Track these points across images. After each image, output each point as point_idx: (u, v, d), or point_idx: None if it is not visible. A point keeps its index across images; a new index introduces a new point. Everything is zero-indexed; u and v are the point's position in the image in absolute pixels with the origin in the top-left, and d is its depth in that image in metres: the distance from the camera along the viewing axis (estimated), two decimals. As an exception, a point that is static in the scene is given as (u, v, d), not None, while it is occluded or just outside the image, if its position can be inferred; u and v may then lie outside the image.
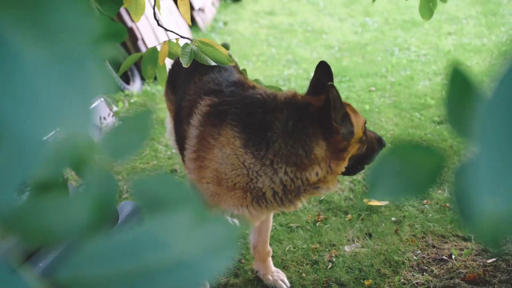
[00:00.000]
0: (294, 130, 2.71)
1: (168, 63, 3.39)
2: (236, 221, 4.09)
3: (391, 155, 0.89)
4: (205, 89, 3.11)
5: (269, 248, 3.55)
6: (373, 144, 2.92)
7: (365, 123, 2.88)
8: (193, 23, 9.44)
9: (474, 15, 10.34)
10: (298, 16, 11.00)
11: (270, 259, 3.55)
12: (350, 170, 2.92)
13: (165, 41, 2.94)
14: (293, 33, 9.92)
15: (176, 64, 3.66)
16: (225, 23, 10.48)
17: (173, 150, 5.11)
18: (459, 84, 0.88)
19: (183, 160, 3.16)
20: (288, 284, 3.48)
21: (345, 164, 2.82)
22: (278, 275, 3.51)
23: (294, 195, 2.84)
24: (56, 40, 0.54)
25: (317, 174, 2.76)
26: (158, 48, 2.89)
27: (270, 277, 3.49)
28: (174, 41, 2.98)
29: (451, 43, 8.84)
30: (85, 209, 0.75)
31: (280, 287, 3.45)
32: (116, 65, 6.59)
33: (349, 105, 2.85)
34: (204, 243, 0.67)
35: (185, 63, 2.71)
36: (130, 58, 2.85)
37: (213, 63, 2.76)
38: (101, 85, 0.57)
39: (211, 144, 2.85)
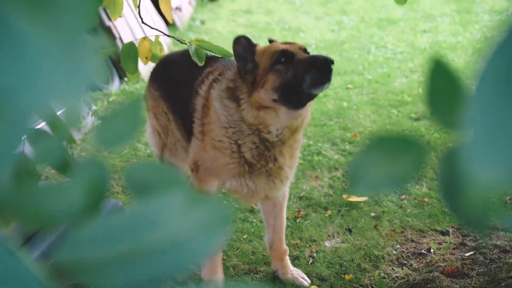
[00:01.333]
0: (232, 70, 3.10)
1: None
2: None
3: (371, 149, 0.89)
4: (217, 66, 3.34)
5: (286, 247, 3.55)
6: (299, 67, 2.78)
7: (283, 51, 2.86)
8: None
9: (449, 13, 10.44)
10: (275, 14, 11.02)
11: (287, 257, 3.55)
12: (289, 100, 2.85)
13: (143, 37, 2.93)
14: (271, 32, 9.93)
15: (166, 61, 3.72)
16: (202, 22, 10.46)
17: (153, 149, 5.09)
18: (440, 74, 0.90)
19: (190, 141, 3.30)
20: (309, 281, 3.48)
21: (264, 95, 2.85)
22: (297, 272, 3.52)
23: (266, 149, 3.00)
24: (56, 21, 0.55)
25: (248, 111, 2.93)
26: (136, 43, 2.88)
27: (290, 276, 3.49)
28: (153, 38, 2.97)
29: (426, 41, 8.92)
30: (80, 194, 0.76)
31: (301, 284, 3.45)
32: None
33: (284, 44, 3.01)
34: (197, 223, 0.67)
35: (199, 62, 2.77)
36: (103, 52, 2.83)
37: (214, 55, 2.83)
38: (94, 68, 0.58)
39: (207, 108, 3.11)
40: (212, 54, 2.81)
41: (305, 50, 2.96)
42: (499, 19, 9.84)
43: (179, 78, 3.53)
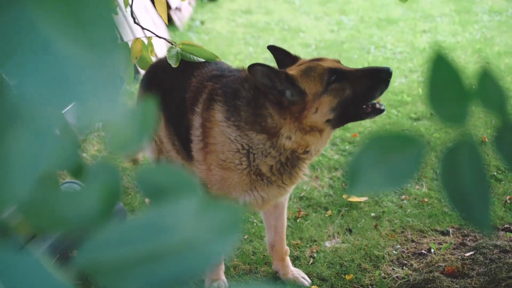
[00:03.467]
0: (252, 99, 2.90)
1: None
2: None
3: (370, 148, 0.89)
4: (208, 76, 3.23)
5: (287, 247, 3.55)
6: (360, 83, 2.79)
7: (332, 70, 2.81)
8: (170, 22, 9.41)
9: (448, 13, 10.45)
10: (274, 14, 11.03)
11: (288, 257, 3.56)
12: (351, 116, 2.88)
13: (136, 38, 2.94)
14: (270, 32, 9.95)
15: (157, 68, 3.63)
16: (202, 22, 10.47)
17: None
18: (442, 70, 0.90)
19: (189, 157, 3.23)
20: (310, 281, 3.48)
21: (319, 118, 2.81)
22: (298, 272, 3.52)
23: (290, 166, 2.97)
24: (86, 32, 0.56)
25: (289, 138, 2.86)
26: (130, 44, 2.88)
27: (291, 276, 3.49)
28: (145, 40, 2.97)
29: (426, 41, 8.94)
30: (95, 199, 0.78)
31: (302, 284, 3.45)
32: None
33: (311, 62, 2.94)
34: (209, 227, 0.69)
35: (173, 63, 2.75)
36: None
37: (201, 60, 2.80)
38: (124, 74, 0.59)
39: (208, 128, 3.00)
40: (198, 58, 2.79)
41: (339, 63, 2.95)
42: (499, 19, 9.86)
43: (170, 84, 3.46)
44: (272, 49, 3.24)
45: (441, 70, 0.91)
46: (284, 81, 2.80)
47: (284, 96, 2.80)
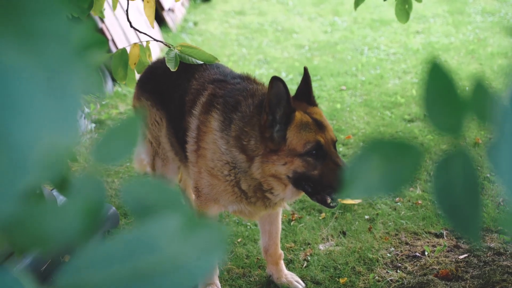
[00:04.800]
0: (247, 116, 2.90)
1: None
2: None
3: (368, 152, 0.88)
4: (210, 79, 3.23)
5: (281, 251, 3.54)
6: (327, 174, 2.79)
7: (319, 145, 2.81)
8: (163, 24, 9.39)
9: (441, 14, 10.46)
10: (268, 15, 11.02)
11: (282, 262, 3.54)
12: (301, 186, 2.87)
13: (134, 43, 2.92)
14: (264, 33, 9.93)
15: (155, 69, 3.62)
16: (195, 23, 10.45)
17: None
18: (438, 78, 0.89)
19: (185, 158, 3.24)
20: (303, 284, 3.47)
21: (282, 170, 2.81)
22: (292, 276, 3.51)
23: (261, 194, 2.99)
24: (40, 48, 0.54)
25: (258, 169, 2.86)
26: (128, 49, 2.87)
27: (284, 280, 3.47)
28: (144, 44, 2.95)
29: (419, 42, 8.94)
30: (77, 215, 0.76)
31: None
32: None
33: (319, 121, 2.90)
34: (194, 246, 0.67)
35: (172, 67, 2.74)
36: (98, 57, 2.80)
37: (200, 62, 2.79)
38: (86, 91, 0.57)
39: (203, 132, 3.02)
40: (196, 61, 2.77)
41: (334, 144, 2.91)
42: (492, 20, 9.87)
43: (170, 86, 3.46)
44: (305, 72, 3.07)
45: (436, 79, 0.90)
46: (285, 116, 2.80)
47: (272, 127, 2.80)
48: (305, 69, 3.04)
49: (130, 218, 4.08)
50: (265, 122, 2.80)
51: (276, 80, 2.72)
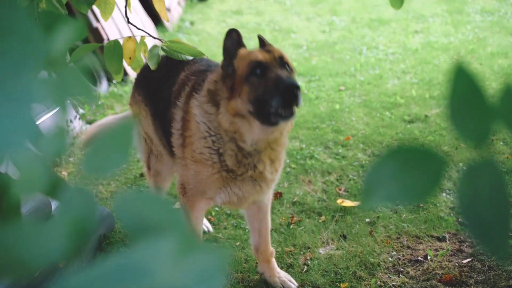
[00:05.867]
0: (214, 72, 3.01)
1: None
2: (209, 225, 4.02)
3: (390, 159, 0.83)
4: (195, 71, 3.24)
5: (272, 248, 3.50)
6: (268, 86, 2.70)
7: (258, 63, 2.77)
8: (159, 23, 9.32)
9: (440, 14, 10.42)
10: (265, 15, 10.96)
11: (274, 259, 3.51)
12: (262, 116, 2.74)
13: (128, 37, 2.85)
14: (261, 33, 9.86)
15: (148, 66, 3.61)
16: (192, 23, 10.39)
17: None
18: (463, 83, 0.82)
19: (172, 153, 3.23)
20: (296, 284, 3.43)
21: (240, 104, 2.76)
22: (285, 275, 3.47)
23: (247, 157, 2.93)
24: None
25: (224, 115, 2.85)
26: (121, 41, 2.79)
27: (277, 279, 3.44)
28: (138, 38, 2.89)
29: (418, 42, 8.88)
30: (63, 234, 0.68)
31: (289, 287, 3.41)
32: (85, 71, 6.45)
33: (266, 48, 2.94)
34: (191, 272, 0.62)
35: (152, 65, 2.69)
36: (83, 47, 2.70)
37: (189, 57, 2.75)
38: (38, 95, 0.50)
39: (187, 121, 3.01)
40: (185, 56, 2.73)
41: (281, 60, 2.84)
42: (491, 20, 9.82)
43: (159, 81, 3.45)
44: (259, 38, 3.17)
45: (462, 84, 0.83)
46: (235, 54, 2.88)
47: (227, 67, 2.86)
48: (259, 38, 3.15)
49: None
50: (223, 66, 2.88)
51: (230, 31, 2.87)
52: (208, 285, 0.61)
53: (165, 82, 3.38)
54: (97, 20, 6.90)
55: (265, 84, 2.70)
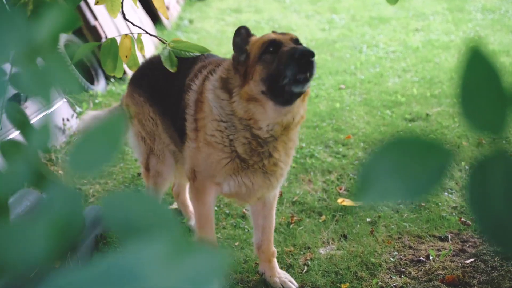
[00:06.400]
0: (228, 61, 3.03)
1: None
2: None
3: (388, 151, 0.76)
4: (212, 61, 3.27)
5: (274, 248, 3.46)
6: (282, 58, 2.69)
7: (272, 41, 2.79)
8: (158, 21, 9.26)
9: (441, 12, 10.37)
10: (264, 13, 10.90)
11: (275, 259, 3.45)
12: (275, 94, 2.74)
13: (125, 34, 2.79)
14: (260, 31, 9.81)
15: (149, 65, 3.61)
16: (191, 21, 10.33)
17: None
18: (479, 68, 0.76)
19: (183, 143, 3.22)
20: (297, 285, 3.38)
21: (253, 86, 2.77)
22: (285, 275, 3.42)
23: (259, 146, 2.91)
24: None
25: (238, 103, 2.85)
26: (118, 40, 2.74)
27: (277, 279, 3.39)
28: (135, 36, 2.84)
29: (419, 40, 8.83)
30: (46, 234, 0.62)
31: None
32: (81, 65, 6.40)
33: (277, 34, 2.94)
34: (185, 275, 0.57)
35: (171, 67, 2.68)
36: (84, 46, 2.67)
37: (196, 54, 2.72)
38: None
39: (200, 102, 3.02)
40: (192, 54, 2.70)
41: (296, 41, 2.85)
42: (492, 18, 9.76)
43: (166, 79, 3.38)
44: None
45: (477, 69, 0.76)
46: (246, 44, 2.90)
47: (239, 56, 2.89)
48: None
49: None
50: (234, 57, 2.91)
51: (239, 28, 2.91)
52: None
53: (173, 78, 3.31)
54: (95, 18, 6.84)
55: (279, 58, 2.71)
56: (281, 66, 2.67)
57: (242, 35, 2.89)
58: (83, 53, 2.69)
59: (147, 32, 2.88)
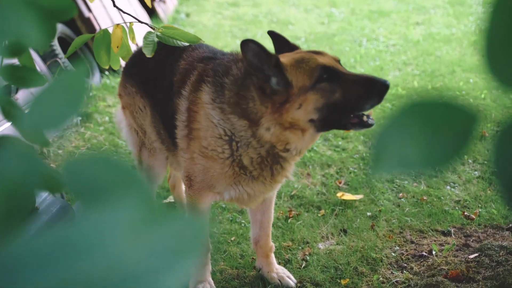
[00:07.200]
0: (240, 77, 2.72)
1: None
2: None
3: (406, 115, 0.69)
4: (199, 57, 3.06)
5: (272, 243, 3.36)
6: (352, 89, 2.56)
7: (325, 67, 2.59)
8: (154, 15, 9.15)
9: (441, 5, 10.30)
10: (262, 7, 10.82)
11: (273, 255, 3.36)
12: (330, 123, 2.65)
13: (117, 24, 2.68)
14: (258, 24, 9.72)
15: (140, 54, 3.40)
16: (187, 15, 10.24)
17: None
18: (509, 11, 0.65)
19: (174, 146, 3.08)
20: (295, 280, 3.28)
21: (301, 115, 2.60)
22: (283, 271, 3.33)
23: (271, 162, 2.79)
24: None
25: (268, 130, 2.67)
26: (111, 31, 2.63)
27: (275, 275, 3.29)
28: (127, 26, 2.72)
29: (419, 33, 8.75)
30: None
31: (287, 284, 3.25)
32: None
33: (308, 53, 2.74)
34: (157, 246, 0.48)
35: (148, 52, 2.53)
36: (79, 39, 2.56)
37: (185, 44, 2.57)
38: None
39: (194, 111, 2.84)
40: (181, 42, 2.57)
41: (339, 61, 2.74)
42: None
43: (155, 70, 3.26)
44: (272, 35, 3.03)
45: (507, 13, 0.65)
46: (273, 67, 2.59)
47: (268, 82, 2.60)
48: (270, 32, 3.06)
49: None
50: (259, 83, 2.63)
51: (246, 43, 2.56)
52: (177, 262, 0.48)
53: (162, 70, 3.21)
54: (89, 10, 6.72)
55: (344, 87, 2.56)
56: (353, 97, 2.55)
57: (253, 50, 2.58)
58: (78, 45, 2.59)
59: (138, 20, 2.77)
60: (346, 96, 2.56)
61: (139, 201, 0.53)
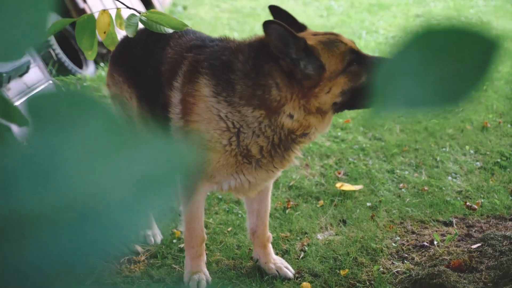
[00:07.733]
0: (252, 70, 2.63)
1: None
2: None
3: (414, 45, 0.62)
4: (187, 46, 2.96)
5: (269, 233, 3.29)
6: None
7: (354, 51, 2.61)
8: (151, 7, 9.07)
9: (442, -2, 10.23)
10: (261, -1, 10.74)
11: (270, 245, 3.28)
12: (356, 104, 2.67)
13: (103, 10, 2.58)
14: (256, 17, 9.66)
15: (127, 42, 3.31)
16: (185, 7, 10.16)
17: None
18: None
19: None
20: (293, 271, 3.21)
21: (328, 99, 2.58)
22: (281, 261, 3.25)
23: (283, 148, 2.76)
24: None
25: (291, 116, 2.64)
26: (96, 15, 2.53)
27: (272, 265, 3.21)
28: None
29: (420, 25, 8.69)
30: None
31: (285, 275, 3.17)
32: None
33: (331, 35, 2.70)
34: (126, 173, 0.43)
35: (130, 33, 2.43)
36: (58, 23, 2.45)
37: (169, 31, 2.46)
38: None
39: (191, 103, 2.76)
40: (166, 29, 2.47)
41: (354, 43, 2.75)
42: (494, 4, 9.60)
43: (143, 58, 3.16)
44: (274, 11, 2.91)
45: None
46: (302, 50, 2.53)
47: (297, 66, 2.54)
48: (271, 8, 2.92)
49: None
50: (289, 67, 2.55)
51: (269, 24, 2.47)
52: (151, 190, 0.42)
53: (149, 59, 3.11)
54: (84, 1, 6.63)
55: (367, 70, 2.57)
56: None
57: (278, 32, 2.47)
58: (56, 29, 2.48)
59: (126, 6, 2.67)
60: (370, 78, 2.55)
61: (105, 126, 0.46)
